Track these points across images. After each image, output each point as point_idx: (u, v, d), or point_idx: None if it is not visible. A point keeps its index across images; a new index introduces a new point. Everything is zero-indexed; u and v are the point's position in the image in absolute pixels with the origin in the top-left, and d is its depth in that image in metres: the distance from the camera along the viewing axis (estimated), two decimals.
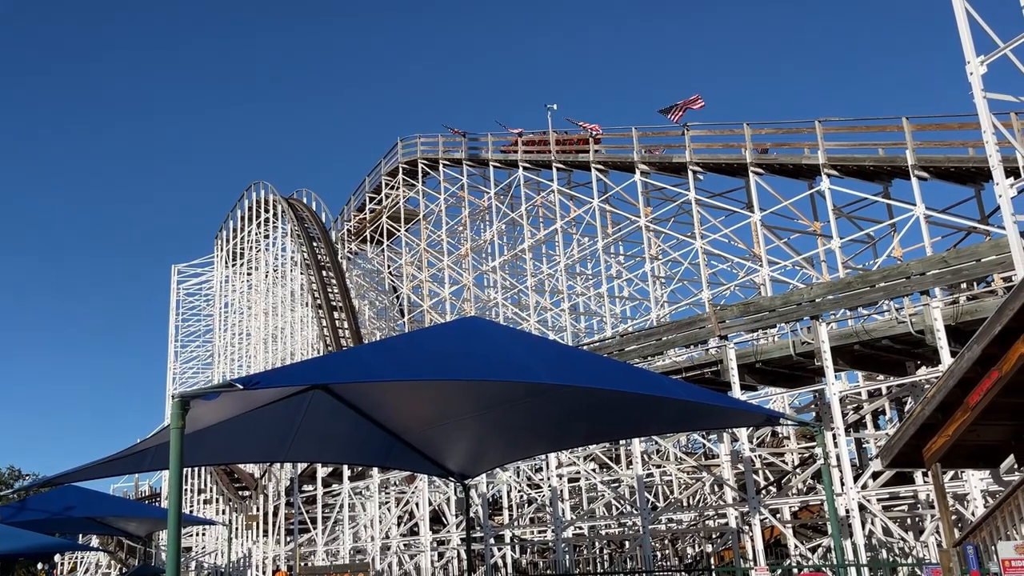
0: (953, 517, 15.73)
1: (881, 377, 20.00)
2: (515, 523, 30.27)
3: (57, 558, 47.15)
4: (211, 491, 49.55)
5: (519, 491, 31.07)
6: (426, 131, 48.67)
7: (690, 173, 26.24)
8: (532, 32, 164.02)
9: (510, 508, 32.03)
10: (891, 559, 19.97)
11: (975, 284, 17.15)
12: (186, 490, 48.54)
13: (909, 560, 19.29)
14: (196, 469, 47.55)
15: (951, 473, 15.93)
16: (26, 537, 18.46)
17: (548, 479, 25.35)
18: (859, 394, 22.04)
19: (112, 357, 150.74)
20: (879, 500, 18.33)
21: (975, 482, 15.27)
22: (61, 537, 23.15)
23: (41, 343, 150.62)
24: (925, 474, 16.39)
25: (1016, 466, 11.39)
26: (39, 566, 38.20)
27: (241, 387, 6.76)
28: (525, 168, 33.67)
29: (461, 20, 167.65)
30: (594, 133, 30.75)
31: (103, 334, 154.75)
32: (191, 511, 46.80)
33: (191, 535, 50.43)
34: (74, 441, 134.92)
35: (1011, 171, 14.03)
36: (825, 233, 23.86)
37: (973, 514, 15.51)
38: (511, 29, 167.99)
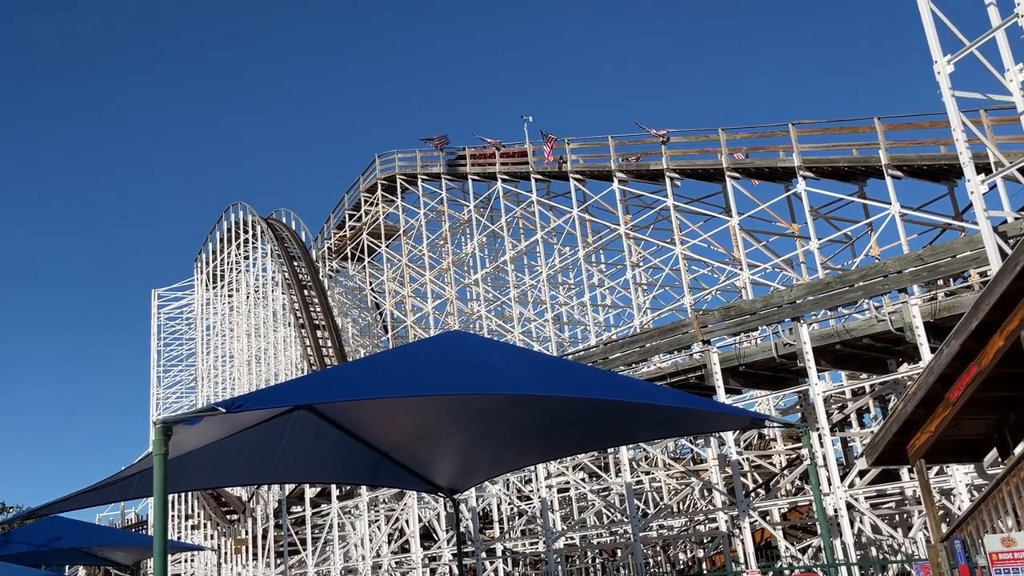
0: (940, 512, 15.87)
1: (864, 376, 20.16)
2: (506, 536, 30.16)
3: None
4: (198, 516, 49.02)
5: (509, 503, 30.98)
6: (405, 145, 48.77)
7: (667, 180, 26.43)
8: (509, 44, 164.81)
9: (500, 521, 31.93)
10: (881, 557, 20.08)
11: (952, 280, 17.35)
12: (173, 516, 48.03)
13: (899, 557, 19.39)
14: (182, 495, 47.07)
15: (936, 468, 16.05)
16: (11, 571, 18.17)
17: (538, 490, 25.29)
18: (843, 393, 22.19)
19: (94, 385, 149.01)
20: (867, 498, 18.43)
21: (960, 476, 15.41)
22: (47, 569, 22.80)
23: (20, 373, 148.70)
24: (911, 471, 16.52)
25: (999, 459, 11.50)
26: None
27: (224, 411, 6.72)
28: (504, 180, 33.76)
29: (435, 34, 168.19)
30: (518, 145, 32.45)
31: (83, 362, 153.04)
32: (178, 537, 46.27)
33: (180, 562, 49.84)
34: (58, 471, 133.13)
35: (982, 167, 14.24)
36: (803, 235, 24.10)
37: (959, 508, 15.65)
38: (487, 42, 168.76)
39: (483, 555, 26.17)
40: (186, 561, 50.26)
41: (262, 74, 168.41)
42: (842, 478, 17.39)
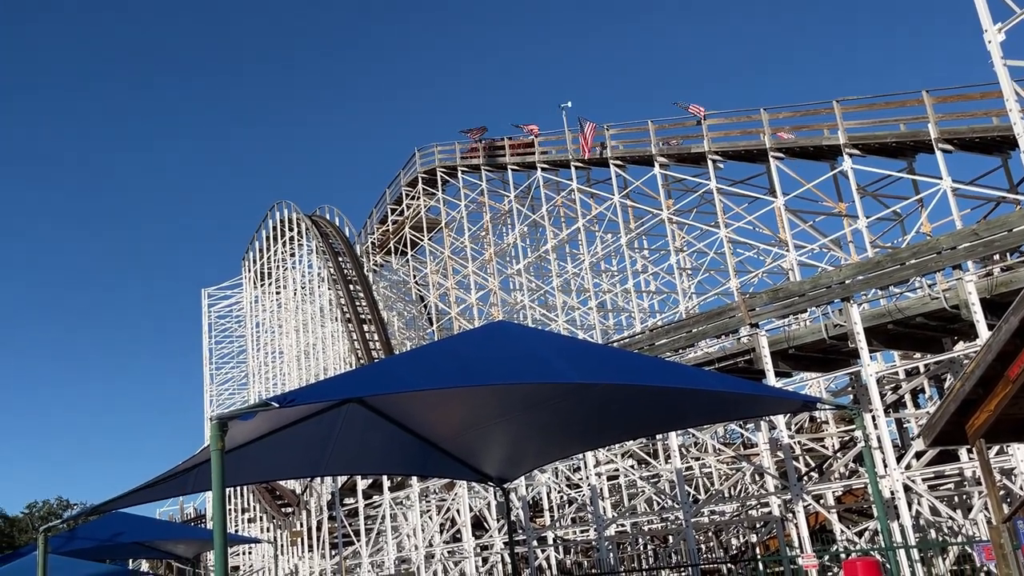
0: (1001, 492, 15.50)
1: (918, 355, 19.74)
2: (557, 524, 30.24)
3: None
4: (254, 510, 50.05)
5: (559, 492, 31.04)
6: (443, 137, 48.93)
7: (709, 162, 26.11)
8: (542, 33, 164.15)
9: (551, 509, 32.02)
10: (940, 539, 19.69)
11: (1008, 255, 16.87)
12: (229, 510, 49.03)
13: (959, 539, 19.00)
14: (238, 488, 48.07)
15: (996, 448, 15.68)
16: (78, 567, 18.70)
17: (587, 478, 25.29)
18: (896, 374, 21.75)
19: (149, 383, 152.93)
20: (924, 480, 18.08)
21: (1021, 455, 15.03)
22: (111, 564, 23.44)
23: (78, 374, 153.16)
24: (970, 451, 16.15)
25: None
26: None
27: (277, 405, 6.81)
28: (543, 169, 33.67)
29: (469, 25, 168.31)
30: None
31: (138, 360, 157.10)
32: (236, 530, 47.28)
33: (238, 554, 50.97)
34: (118, 468, 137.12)
35: None
36: (851, 213, 23.64)
37: (1021, 488, 15.28)
38: (520, 31, 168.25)
39: (534, 543, 26.29)
40: (244, 553, 51.38)
41: (301, 75, 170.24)
42: (898, 460, 17.07)
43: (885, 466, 16.85)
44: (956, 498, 20.60)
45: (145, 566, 44.44)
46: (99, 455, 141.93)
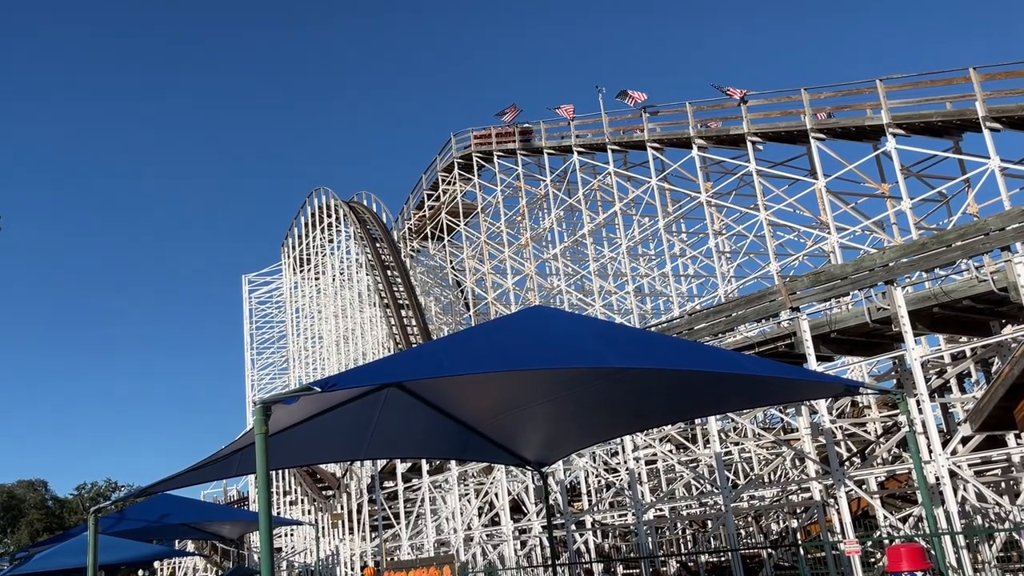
0: None
1: (964, 339, 19.33)
2: (595, 508, 30.27)
3: (156, 564, 49.03)
4: (296, 492, 50.84)
5: (596, 476, 31.05)
6: (479, 121, 48.94)
7: (749, 144, 25.76)
8: (577, 17, 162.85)
9: (589, 493, 32.07)
10: (987, 525, 19.34)
11: None
12: (272, 493, 49.84)
13: (1006, 525, 18.64)
14: (280, 472, 48.85)
15: None
16: (127, 547, 19.17)
17: (625, 463, 25.26)
18: (941, 358, 21.34)
19: (193, 367, 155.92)
20: (970, 465, 17.74)
21: None
22: (159, 544, 24.02)
23: (124, 358, 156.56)
24: (1018, 436, 15.83)
25: None
26: (140, 573, 39.77)
27: (319, 390, 6.89)
28: (579, 152, 33.48)
29: (503, 9, 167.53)
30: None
31: (183, 345, 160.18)
32: (278, 513, 48.09)
33: (280, 536, 51.87)
34: (164, 450, 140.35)
35: None
36: (894, 195, 23.18)
37: None
38: (554, 15, 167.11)
39: (573, 527, 26.35)
40: (286, 535, 52.28)
41: (339, 62, 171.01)
42: (943, 445, 16.77)
43: (930, 451, 16.57)
44: (1003, 484, 20.21)
45: (191, 547, 45.51)
46: (146, 437, 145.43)
